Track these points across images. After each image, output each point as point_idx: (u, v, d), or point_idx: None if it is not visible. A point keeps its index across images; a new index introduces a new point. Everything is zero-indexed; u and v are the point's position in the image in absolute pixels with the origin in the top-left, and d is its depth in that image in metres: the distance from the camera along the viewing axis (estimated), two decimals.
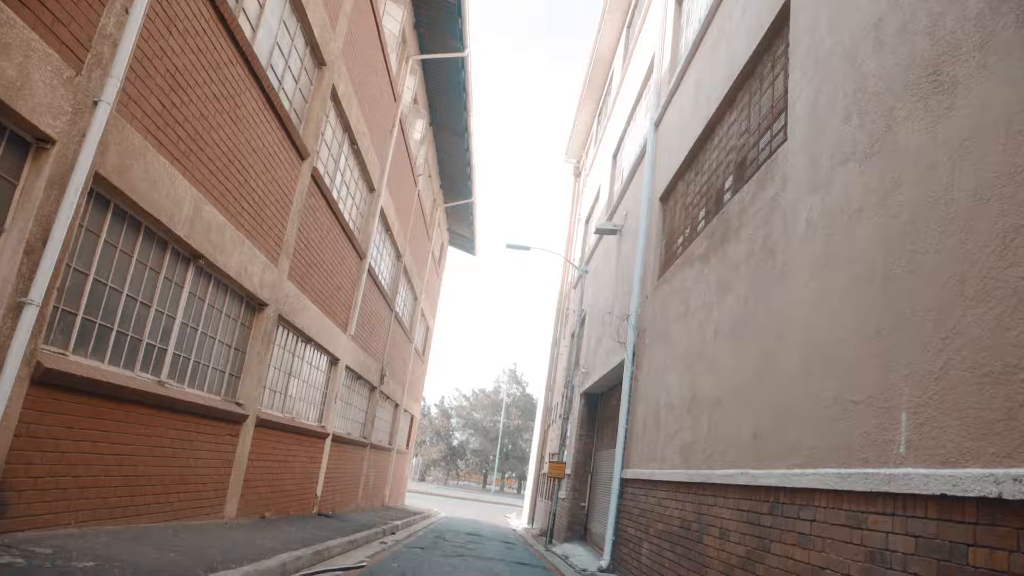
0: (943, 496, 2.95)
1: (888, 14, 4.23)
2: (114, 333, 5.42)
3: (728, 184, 7.29)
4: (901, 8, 4.06)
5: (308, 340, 10.47)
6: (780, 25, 6.38)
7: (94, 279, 5.07)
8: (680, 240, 8.84)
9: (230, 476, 7.77)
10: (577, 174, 25.08)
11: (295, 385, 10.35)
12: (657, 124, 11.03)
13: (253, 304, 8.13)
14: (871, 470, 3.51)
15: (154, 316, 5.99)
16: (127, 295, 5.54)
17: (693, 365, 7.00)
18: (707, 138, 8.30)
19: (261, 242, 7.88)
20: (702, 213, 8.07)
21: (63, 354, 4.79)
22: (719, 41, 8.15)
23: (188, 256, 6.45)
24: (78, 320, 4.94)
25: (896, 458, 3.36)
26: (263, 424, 8.64)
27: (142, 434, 5.83)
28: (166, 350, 6.28)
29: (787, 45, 6.17)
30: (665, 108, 10.60)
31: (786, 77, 6.12)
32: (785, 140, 5.75)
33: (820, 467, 4.10)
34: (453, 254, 30.60)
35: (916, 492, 3.11)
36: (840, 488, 3.78)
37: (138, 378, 5.79)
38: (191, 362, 6.82)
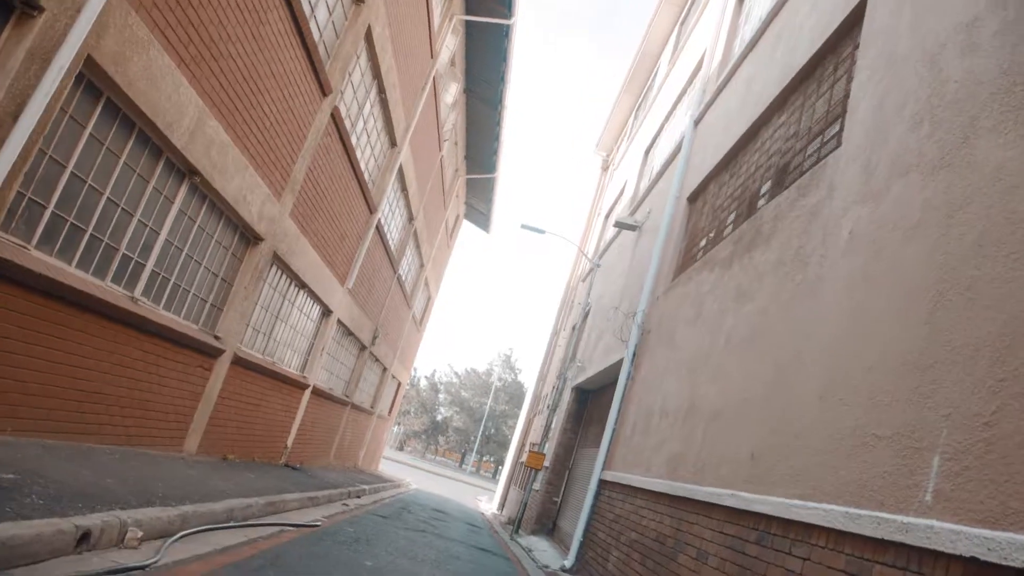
0: (973, 559, 2.52)
1: (986, 14, 3.75)
2: (87, 236, 5.03)
3: (765, 189, 6.83)
4: (1004, 7, 3.59)
5: (302, 285, 10.08)
6: (852, 24, 5.89)
7: (72, 173, 4.67)
8: (703, 243, 8.39)
9: (195, 410, 7.41)
10: (605, 168, 24.59)
11: (281, 329, 9.99)
12: (697, 122, 10.54)
13: (248, 236, 7.72)
14: (886, 515, 3.09)
15: (135, 227, 5.59)
16: (108, 198, 5.14)
17: (697, 373, 6.58)
18: (749, 140, 7.83)
19: (265, 172, 7.47)
20: (731, 217, 7.61)
21: (23, 247, 4.39)
22: (779, 39, 7.66)
23: (183, 171, 6.04)
24: (47, 214, 4.54)
25: (919, 506, 2.94)
26: (240, 362, 8.27)
27: (104, 349, 5.45)
28: (144, 265, 5.89)
29: (856, 46, 5.70)
30: (708, 106, 10.12)
31: (848, 80, 5.65)
32: (838, 146, 5.29)
33: (824, 501, 3.68)
34: (467, 228, 30.17)
35: (939, 548, 2.69)
36: (845, 529, 3.36)
37: (108, 289, 5.41)
38: (170, 284, 6.43)
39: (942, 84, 3.99)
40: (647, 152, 15.63)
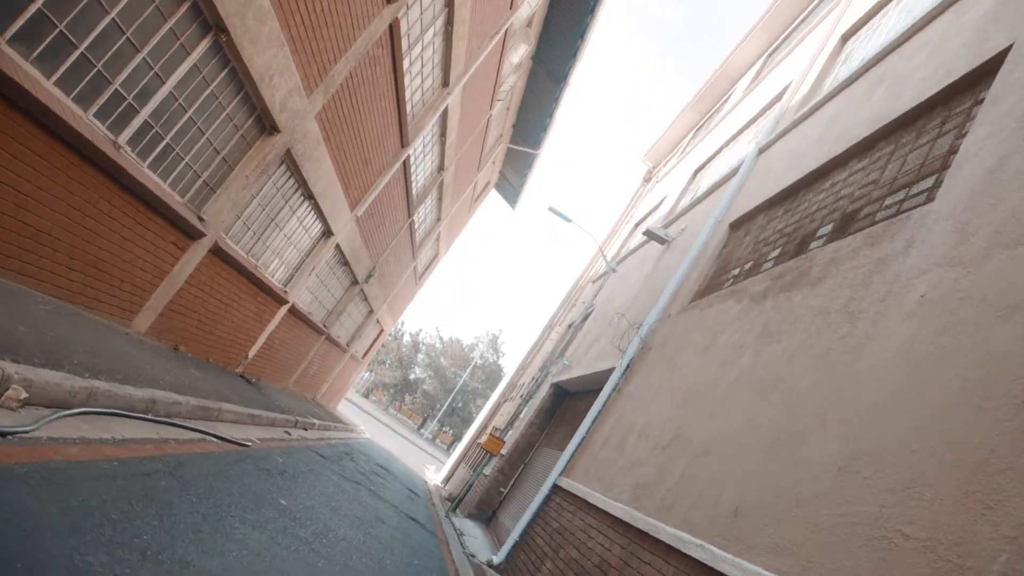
0: None
1: None
2: (77, 53, 4.40)
3: (823, 232, 6.18)
4: None
5: (309, 196, 9.45)
6: (978, 78, 5.22)
7: None
8: (735, 272, 7.74)
9: (156, 288, 6.82)
10: (647, 178, 23.91)
11: (274, 235, 9.37)
12: (763, 150, 9.86)
13: (265, 123, 7.08)
14: None
15: (138, 65, 4.96)
16: (114, 19, 4.51)
17: (693, 403, 5.97)
18: (817, 178, 7.17)
19: (301, 60, 6.82)
20: (775, 252, 6.97)
21: None
22: (879, 83, 6.99)
23: (210, 23, 5.40)
24: (32, 9, 3.92)
25: None
26: (220, 254, 7.67)
27: (66, 188, 4.85)
28: (137, 112, 5.26)
29: (978, 101, 5.03)
30: (780, 137, 9.43)
31: (958, 136, 4.98)
32: (928, 202, 4.65)
33: None
34: (493, 198, 29.45)
35: None
36: None
37: (88, 123, 4.79)
38: (163, 143, 5.80)
39: None
40: (696, 171, 14.97)
